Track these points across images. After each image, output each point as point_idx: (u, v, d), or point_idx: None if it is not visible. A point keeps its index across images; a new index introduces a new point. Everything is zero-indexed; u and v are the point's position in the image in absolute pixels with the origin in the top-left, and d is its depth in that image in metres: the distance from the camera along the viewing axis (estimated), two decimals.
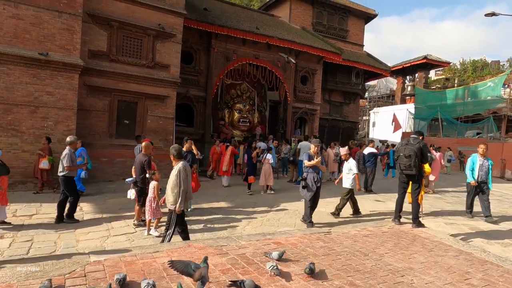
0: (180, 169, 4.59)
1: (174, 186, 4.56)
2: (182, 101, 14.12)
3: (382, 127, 32.00)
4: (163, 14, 10.93)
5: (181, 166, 4.63)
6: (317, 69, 17.89)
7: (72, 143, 6.45)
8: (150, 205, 5.74)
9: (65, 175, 6.25)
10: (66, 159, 6.20)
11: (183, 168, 4.62)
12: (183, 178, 4.56)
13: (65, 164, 6.19)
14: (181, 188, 4.52)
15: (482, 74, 31.84)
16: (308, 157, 6.07)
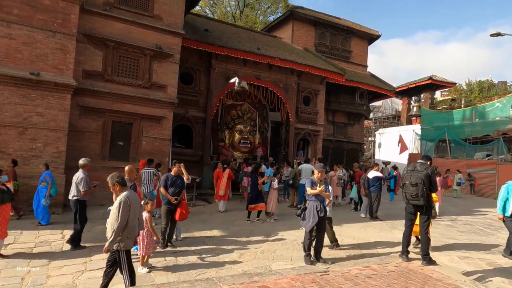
0: (122, 201, 3.87)
1: (114, 221, 3.87)
2: (180, 122, 13.81)
3: (388, 148, 31.33)
4: (160, 34, 10.77)
5: (124, 197, 3.90)
6: (320, 90, 17.58)
7: (86, 166, 6.42)
8: (142, 239, 5.15)
9: (79, 199, 6.20)
10: (83, 183, 6.15)
11: (125, 199, 3.89)
12: (123, 212, 3.84)
13: (82, 188, 6.13)
14: (119, 224, 3.82)
15: (489, 94, 31.32)
16: (311, 183, 5.49)
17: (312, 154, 17.26)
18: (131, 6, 10.40)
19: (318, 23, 20.28)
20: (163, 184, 6.29)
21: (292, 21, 19.87)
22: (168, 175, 6.50)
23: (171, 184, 6.30)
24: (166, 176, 6.48)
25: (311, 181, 5.43)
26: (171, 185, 6.30)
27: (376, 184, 9.36)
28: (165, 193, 6.23)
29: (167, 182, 6.29)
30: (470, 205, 14.36)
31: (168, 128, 11.04)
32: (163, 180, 6.40)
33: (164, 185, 6.27)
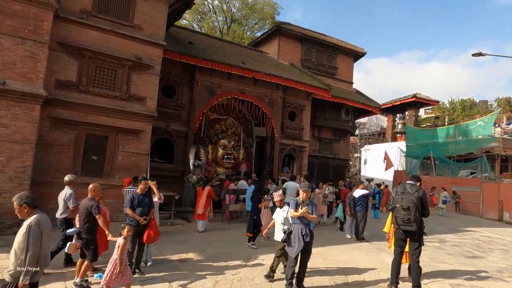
0: (32, 226, 3.18)
1: (20, 251, 3.17)
2: (161, 136, 13.31)
3: (373, 164, 31.35)
4: (140, 45, 10.36)
5: (34, 221, 3.21)
6: (305, 105, 17.39)
7: (71, 182, 6.30)
8: (110, 270, 4.53)
9: (67, 217, 6.01)
10: (72, 199, 6.02)
11: (35, 223, 3.20)
12: (34, 239, 3.16)
13: (71, 205, 5.97)
14: (32, 253, 3.13)
15: (471, 113, 31.94)
16: (295, 205, 5.03)
17: (298, 170, 16.90)
18: (110, 15, 10.00)
19: (304, 39, 20.30)
20: (129, 204, 5.74)
21: (279, 36, 19.84)
22: (134, 193, 5.95)
23: (138, 204, 5.76)
24: (132, 195, 5.92)
25: (296, 203, 5.00)
26: (138, 205, 5.76)
27: (362, 203, 9.00)
28: (132, 214, 5.68)
29: (134, 202, 5.75)
30: (456, 224, 14.15)
31: (146, 142, 10.51)
32: (129, 200, 5.84)
33: (131, 205, 5.72)
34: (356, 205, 9.00)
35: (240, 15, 36.64)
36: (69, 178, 6.31)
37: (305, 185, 5.22)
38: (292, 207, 4.94)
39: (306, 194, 4.99)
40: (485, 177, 18.98)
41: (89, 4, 9.67)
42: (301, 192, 5.00)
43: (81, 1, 9.55)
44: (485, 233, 12.25)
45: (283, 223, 5.48)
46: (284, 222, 5.46)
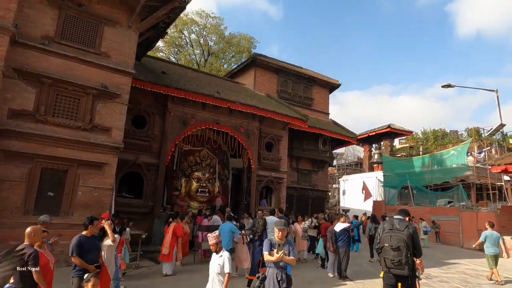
0: None
1: None
2: (130, 169, 12.48)
3: (352, 195, 31.16)
4: (107, 73, 9.81)
5: None
6: (282, 136, 17.09)
7: (45, 223, 5.43)
8: None
9: None
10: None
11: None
12: None
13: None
14: None
15: (443, 142, 32.81)
16: (269, 246, 4.34)
17: (276, 202, 16.26)
18: (74, 41, 9.47)
19: (280, 70, 20.43)
20: (77, 250, 4.81)
21: (255, 68, 19.86)
22: (80, 237, 4.97)
23: (88, 249, 4.90)
24: (79, 238, 4.89)
25: (270, 243, 4.36)
26: (88, 250, 4.89)
27: (343, 237, 8.42)
28: (81, 262, 4.80)
29: (82, 247, 4.86)
30: (439, 256, 13.72)
31: (110, 176, 9.67)
32: (75, 245, 4.82)
33: (78, 251, 4.84)
34: (338, 240, 8.41)
35: (217, 48, 37.13)
36: (44, 219, 5.51)
37: (281, 222, 4.58)
38: (266, 249, 4.29)
39: (282, 233, 4.37)
40: (463, 206, 18.95)
41: (52, 30, 9.14)
42: (277, 231, 4.39)
43: (43, 27, 9.01)
44: (470, 265, 11.87)
45: (219, 273, 4.42)
46: (220, 272, 4.42)
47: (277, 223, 4.51)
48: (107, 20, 9.99)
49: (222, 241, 8.05)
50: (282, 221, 4.57)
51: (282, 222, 4.56)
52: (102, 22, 9.91)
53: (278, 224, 4.47)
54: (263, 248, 4.41)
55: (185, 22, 34.03)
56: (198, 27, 35.02)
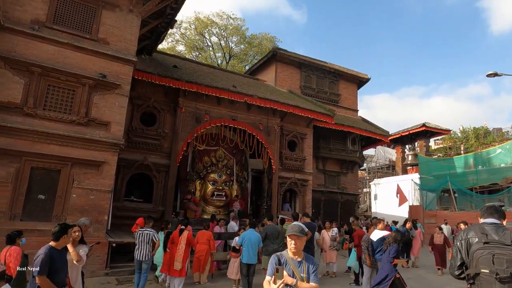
0: None
1: None
2: (138, 170, 11.41)
3: (385, 199, 28.82)
4: (106, 61, 8.78)
5: None
6: (306, 134, 15.53)
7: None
8: None
9: None
10: None
11: None
12: None
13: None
14: None
15: (486, 141, 29.82)
16: (274, 265, 2.82)
17: (301, 207, 14.68)
18: (68, 26, 8.52)
19: (303, 64, 18.94)
20: (45, 268, 3.50)
21: (275, 63, 18.49)
22: (51, 249, 3.76)
23: (58, 267, 3.59)
24: (49, 252, 3.61)
25: (277, 260, 2.88)
26: (58, 269, 3.59)
27: (383, 249, 6.76)
28: (49, 285, 3.51)
29: (52, 264, 3.55)
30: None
31: (109, 176, 8.56)
32: (44, 261, 3.52)
33: (47, 269, 3.51)
34: (375, 251, 6.77)
35: (239, 50, 36.21)
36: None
37: (294, 227, 2.94)
38: (269, 272, 2.81)
39: (297, 244, 2.86)
40: None
41: (43, 13, 8.22)
42: (289, 240, 2.91)
43: (33, 11, 8.11)
44: None
45: None
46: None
47: (290, 229, 2.99)
48: (105, 3, 8.99)
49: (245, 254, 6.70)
50: (297, 226, 3.00)
51: (296, 227, 2.95)
52: (100, 5, 8.92)
53: (290, 230, 2.96)
54: (267, 270, 2.91)
55: (206, 24, 33.39)
56: (219, 28, 34.22)
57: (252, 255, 6.71)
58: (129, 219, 10.57)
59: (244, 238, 6.77)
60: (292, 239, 2.82)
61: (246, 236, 6.81)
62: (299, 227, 2.86)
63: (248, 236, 6.81)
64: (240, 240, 6.87)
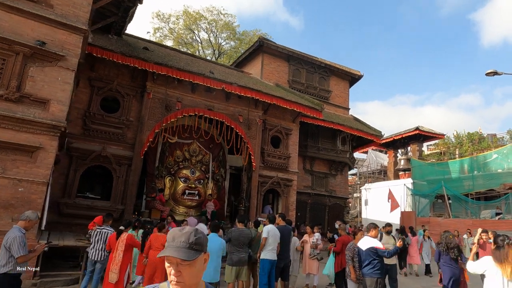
0: None
1: None
2: (95, 162, 9.92)
3: (376, 205, 27.63)
4: (48, 27, 7.32)
5: None
6: (292, 129, 14.19)
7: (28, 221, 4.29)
8: None
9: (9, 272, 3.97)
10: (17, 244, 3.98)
11: None
12: None
13: (17, 253, 3.96)
14: None
15: (481, 147, 28.87)
16: None
17: (284, 209, 13.28)
18: None
19: (291, 57, 17.67)
20: None
21: (262, 54, 17.17)
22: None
23: None
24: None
25: None
26: None
27: (372, 260, 5.37)
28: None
29: None
30: None
31: (46, 165, 7.07)
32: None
33: None
34: (364, 263, 5.37)
35: (229, 47, 34.94)
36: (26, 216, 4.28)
37: (179, 238, 1.38)
38: None
39: (182, 272, 1.34)
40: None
41: None
42: (167, 266, 1.37)
43: None
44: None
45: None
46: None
47: (170, 240, 1.39)
48: None
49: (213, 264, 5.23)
50: (182, 235, 1.29)
51: (181, 237, 1.39)
52: None
53: (168, 245, 1.40)
54: None
55: (194, 18, 32.05)
56: (208, 23, 32.86)
57: (212, 270, 5.22)
58: (81, 218, 9.13)
59: None
60: (171, 265, 1.37)
61: None
62: (186, 238, 1.39)
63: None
64: None
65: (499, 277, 3.44)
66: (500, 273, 3.45)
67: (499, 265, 3.48)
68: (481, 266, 3.74)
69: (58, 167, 9.37)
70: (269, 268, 5.92)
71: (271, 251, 6.07)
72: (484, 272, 3.67)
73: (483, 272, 3.70)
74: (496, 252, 3.60)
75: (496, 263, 3.51)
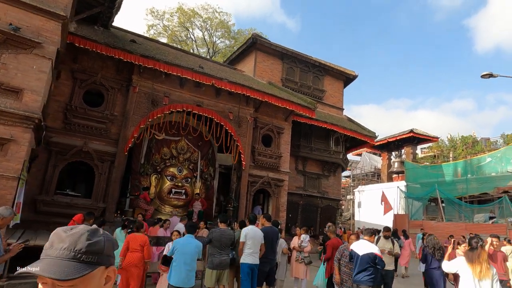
0: None
1: None
2: (76, 157, 9.45)
3: (369, 207, 27.40)
4: (23, 12, 6.87)
5: None
6: (284, 128, 13.82)
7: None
8: None
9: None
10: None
11: None
12: None
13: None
14: None
15: (474, 150, 28.77)
16: None
17: (274, 210, 12.90)
18: None
19: (285, 55, 17.32)
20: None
21: (255, 51, 16.80)
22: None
23: None
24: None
25: None
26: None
27: (370, 268, 4.96)
28: None
29: None
30: None
31: (17, 159, 6.61)
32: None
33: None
34: (358, 269, 4.94)
35: (224, 46, 34.55)
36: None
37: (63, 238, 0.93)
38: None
39: None
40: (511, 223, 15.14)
41: None
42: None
43: None
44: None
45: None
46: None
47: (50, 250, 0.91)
48: None
49: (175, 273, 4.76)
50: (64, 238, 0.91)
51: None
52: None
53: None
54: None
55: (189, 16, 31.61)
56: (203, 21, 32.42)
57: (184, 274, 4.77)
58: (60, 217, 8.63)
59: (176, 247, 4.85)
60: (44, 286, 0.92)
61: (179, 244, 4.90)
62: (71, 243, 0.84)
63: (182, 244, 4.91)
64: (171, 249, 4.95)
65: (470, 276, 3.67)
66: (471, 272, 3.66)
67: (470, 265, 3.69)
68: (454, 266, 3.94)
69: (37, 163, 8.92)
70: (249, 272, 5.52)
71: (251, 254, 5.66)
72: (456, 271, 3.91)
73: (456, 271, 3.95)
74: (469, 253, 3.80)
75: (468, 263, 3.73)
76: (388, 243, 6.23)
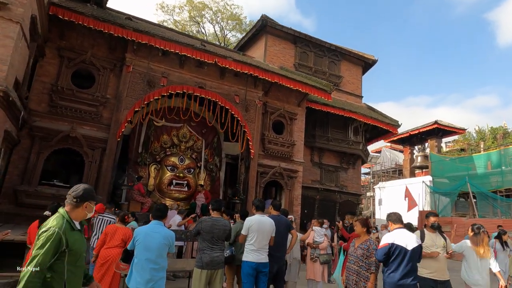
0: None
1: None
2: (63, 144, 8.48)
3: (390, 205, 25.55)
4: None
5: None
6: (297, 114, 12.53)
7: None
8: None
9: None
10: None
11: None
12: None
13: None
14: None
15: (505, 142, 26.57)
16: None
17: (287, 204, 11.63)
18: None
19: (298, 39, 16.03)
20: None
21: (265, 35, 15.57)
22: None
23: None
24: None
25: None
26: None
27: (416, 267, 3.65)
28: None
29: None
30: None
31: None
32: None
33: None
34: (405, 270, 3.54)
35: (236, 40, 33.47)
36: None
37: None
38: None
39: None
40: None
41: None
42: None
43: None
44: None
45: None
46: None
47: None
48: None
49: (134, 273, 3.51)
50: None
51: None
52: None
53: None
54: None
55: (199, 9, 30.72)
56: (214, 14, 31.45)
57: (148, 274, 3.52)
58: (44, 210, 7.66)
59: (137, 239, 3.65)
60: None
61: (141, 234, 3.68)
62: None
63: (144, 234, 3.68)
64: (132, 241, 3.75)
65: (474, 256, 4.62)
66: (475, 253, 4.61)
67: (475, 247, 4.62)
68: (461, 247, 4.80)
69: (18, 149, 8.01)
70: (251, 273, 4.33)
71: (256, 251, 4.46)
72: (463, 252, 4.76)
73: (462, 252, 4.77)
74: (474, 238, 4.67)
75: (473, 245, 4.65)
76: (439, 239, 4.46)
